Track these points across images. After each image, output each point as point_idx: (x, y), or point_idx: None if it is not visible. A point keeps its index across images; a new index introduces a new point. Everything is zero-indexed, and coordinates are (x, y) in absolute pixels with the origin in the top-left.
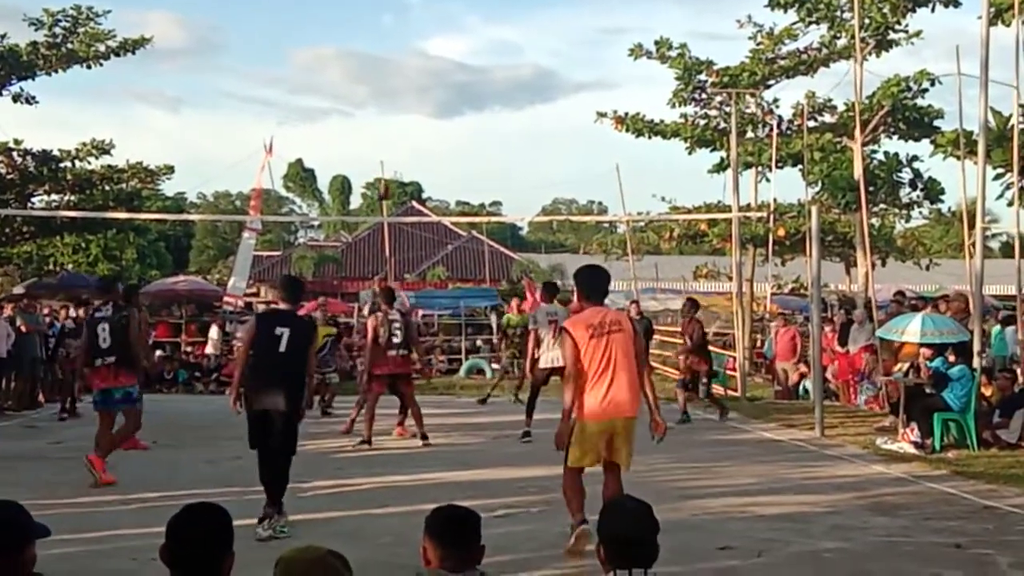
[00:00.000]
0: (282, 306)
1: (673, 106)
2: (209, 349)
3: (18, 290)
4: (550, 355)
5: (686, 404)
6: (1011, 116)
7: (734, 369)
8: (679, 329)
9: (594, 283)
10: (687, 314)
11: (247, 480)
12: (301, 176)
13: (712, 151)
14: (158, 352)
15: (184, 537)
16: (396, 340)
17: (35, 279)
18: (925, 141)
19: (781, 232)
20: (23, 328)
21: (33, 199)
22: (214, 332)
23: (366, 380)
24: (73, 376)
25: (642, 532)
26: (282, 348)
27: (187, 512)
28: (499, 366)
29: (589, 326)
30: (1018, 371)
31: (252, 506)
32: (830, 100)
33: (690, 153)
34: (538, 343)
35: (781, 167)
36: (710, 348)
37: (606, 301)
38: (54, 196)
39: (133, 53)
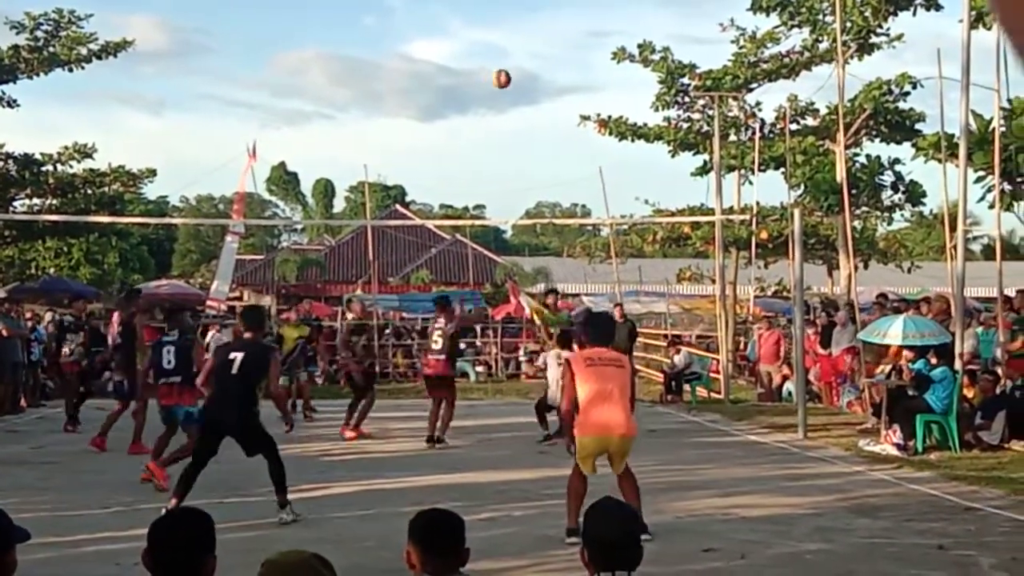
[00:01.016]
0: (246, 335)
1: (656, 109)
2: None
3: None
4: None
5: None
6: (992, 119)
7: (717, 372)
8: (665, 332)
9: (597, 330)
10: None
11: (230, 485)
12: (284, 179)
13: (695, 154)
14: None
15: (165, 541)
16: (436, 346)
17: (17, 283)
18: (907, 144)
19: (764, 235)
20: (4, 332)
21: (15, 203)
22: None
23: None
24: (79, 379)
25: (626, 535)
26: (234, 371)
27: (168, 517)
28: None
29: (587, 358)
30: (1000, 372)
31: (234, 510)
32: (812, 103)
33: (673, 156)
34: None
35: (764, 170)
36: (693, 350)
37: None
38: (36, 200)
39: (115, 56)
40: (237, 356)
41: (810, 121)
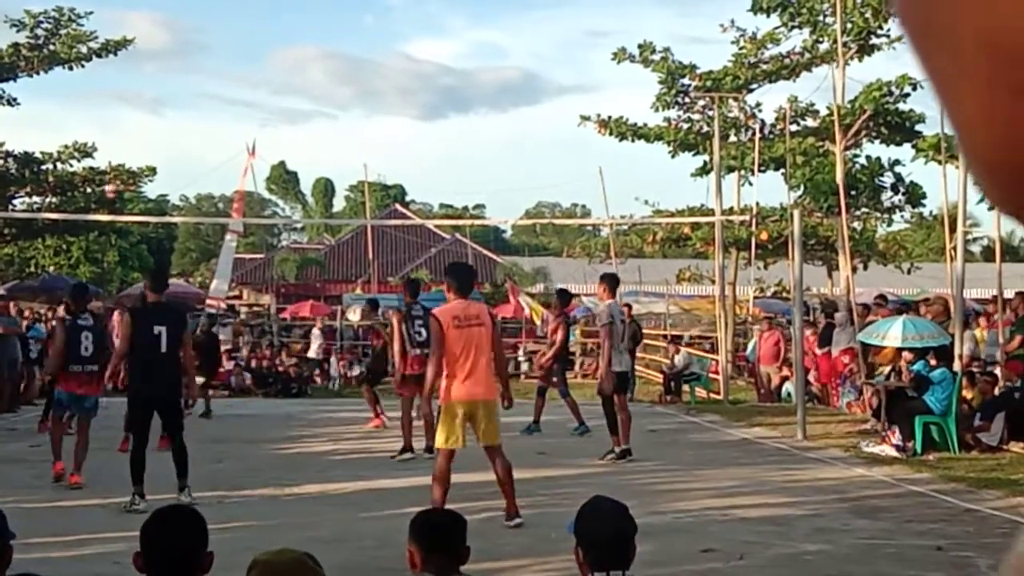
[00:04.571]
0: (151, 298)
1: (656, 110)
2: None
3: None
4: (623, 358)
5: (540, 413)
6: None
7: (717, 372)
8: (664, 332)
9: (463, 280)
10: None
11: (227, 483)
12: (284, 178)
13: (695, 155)
14: None
15: (157, 542)
16: (420, 338)
17: (16, 281)
18: (907, 145)
19: (764, 236)
20: (1, 331)
21: (14, 201)
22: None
23: (397, 383)
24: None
25: (619, 533)
26: (163, 348)
27: (158, 517)
28: None
29: (455, 316)
30: (998, 373)
31: (231, 509)
32: (812, 104)
33: (673, 157)
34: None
35: (764, 171)
36: (692, 351)
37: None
38: (35, 198)
39: (115, 54)
40: (161, 331)
41: (810, 122)
